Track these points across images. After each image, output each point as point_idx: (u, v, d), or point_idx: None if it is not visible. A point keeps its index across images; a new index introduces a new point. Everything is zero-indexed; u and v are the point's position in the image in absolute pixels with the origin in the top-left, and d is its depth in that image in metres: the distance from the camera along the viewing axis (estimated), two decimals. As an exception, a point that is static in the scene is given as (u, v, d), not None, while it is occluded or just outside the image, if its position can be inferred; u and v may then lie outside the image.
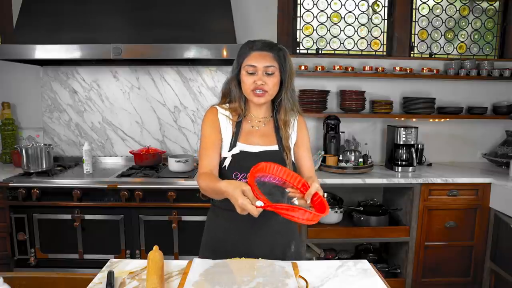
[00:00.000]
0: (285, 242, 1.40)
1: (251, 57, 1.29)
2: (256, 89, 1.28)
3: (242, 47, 1.35)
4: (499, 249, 2.51)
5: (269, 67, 1.28)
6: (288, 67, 1.33)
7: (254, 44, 1.32)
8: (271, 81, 1.29)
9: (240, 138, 1.35)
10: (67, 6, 2.50)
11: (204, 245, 1.43)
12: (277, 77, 1.31)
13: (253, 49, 1.31)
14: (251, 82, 1.29)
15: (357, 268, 1.22)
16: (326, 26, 3.05)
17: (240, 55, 1.33)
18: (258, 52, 1.30)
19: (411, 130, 2.72)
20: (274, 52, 1.31)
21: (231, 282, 1.08)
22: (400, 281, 2.63)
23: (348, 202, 2.88)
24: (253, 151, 1.32)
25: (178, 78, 2.92)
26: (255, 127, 1.38)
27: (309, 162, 1.43)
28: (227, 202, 1.33)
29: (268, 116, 1.41)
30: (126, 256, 2.37)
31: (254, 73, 1.28)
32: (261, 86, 1.28)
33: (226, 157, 1.30)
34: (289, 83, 1.34)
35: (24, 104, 2.95)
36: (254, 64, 1.28)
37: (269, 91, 1.30)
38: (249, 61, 1.29)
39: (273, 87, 1.30)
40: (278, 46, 1.34)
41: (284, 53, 1.33)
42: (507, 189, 2.43)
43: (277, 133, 1.38)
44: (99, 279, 1.13)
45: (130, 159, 2.90)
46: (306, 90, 2.84)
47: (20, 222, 2.34)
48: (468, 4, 3.09)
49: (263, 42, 1.32)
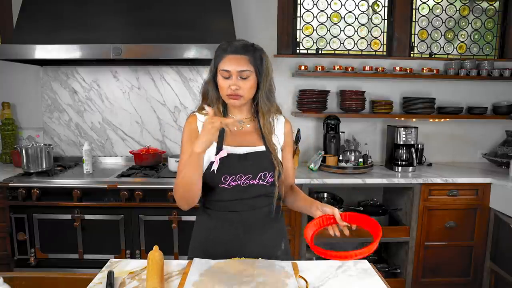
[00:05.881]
0: (276, 240, 1.40)
1: (226, 61, 1.26)
2: (231, 93, 1.26)
3: (217, 48, 1.31)
4: (499, 249, 2.51)
5: (243, 72, 1.25)
6: (265, 68, 1.29)
7: (228, 46, 1.28)
8: (246, 85, 1.26)
9: (225, 140, 1.32)
10: (67, 6, 2.50)
11: (194, 247, 1.41)
12: (252, 80, 1.28)
13: (227, 52, 1.27)
14: (227, 87, 1.26)
15: (357, 268, 1.22)
16: (326, 26, 3.05)
17: (216, 57, 1.30)
18: (232, 55, 1.26)
19: (411, 130, 2.72)
20: (249, 54, 1.27)
21: (231, 282, 1.08)
22: (400, 281, 2.63)
23: (348, 202, 2.88)
24: (241, 153, 1.30)
25: (178, 78, 2.92)
26: (238, 127, 1.36)
27: (291, 164, 1.49)
28: (216, 201, 1.34)
29: (250, 116, 1.39)
30: (126, 256, 2.37)
31: (229, 77, 1.26)
32: (235, 92, 1.26)
33: (214, 161, 1.27)
34: (265, 84, 1.31)
35: (24, 104, 2.95)
36: (227, 69, 1.25)
37: (244, 95, 1.27)
38: (224, 65, 1.26)
39: (248, 90, 1.28)
40: (254, 47, 1.30)
41: (261, 54, 1.30)
42: (507, 189, 2.43)
43: (262, 133, 1.36)
44: (99, 279, 1.13)
45: (130, 159, 2.90)
46: (306, 90, 2.84)
47: (20, 222, 2.34)
48: (468, 4, 3.09)
49: (237, 45, 1.28)
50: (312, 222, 1.20)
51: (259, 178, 1.31)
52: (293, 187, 1.47)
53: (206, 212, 1.39)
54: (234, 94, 1.26)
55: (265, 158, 1.32)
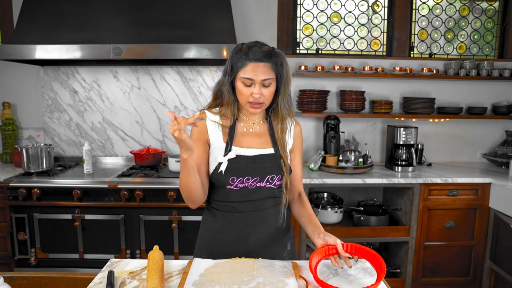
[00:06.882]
0: (282, 241, 1.40)
1: (248, 69, 1.22)
2: (253, 101, 1.24)
3: (236, 51, 1.25)
4: (498, 249, 2.51)
5: (267, 80, 1.22)
6: (285, 73, 1.27)
7: (250, 51, 1.23)
8: (267, 92, 1.25)
9: (235, 141, 1.32)
10: (67, 6, 2.50)
11: (200, 246, 1.42)
12: (273, 86, 1.26)
13: (249, 59, 1.22)
14: (248, 94, 1.24)
15: (357, 267, 1.22)
16: (326, 26, 3.05)
17: (235, 62, 1.24)
18: (255, 63, 1.22)
19: (411, 130, 2.72)
20: (272, 61, 1.23)
21: (231, 282, 1.09)
22: (400, 281, 2.63)
23: (348, 202, 2.88)
24: (249, 155, 1.30)
25: (178, 78, 2.92)
26: (249, 129, 1.35)
27: (299, 169, 1.45)
28: (223, 202, 1.34)
29: (262, 118, 1.37)
30: (127, 256, 2.38)
31: (251, 85, 1.23)
32: (258, 100, 1.24)
33: (222, 162, 1.27)
34: (286, 90, 1.29)
35: (25, 104, 2.95)
36: (251, 78, 1.21)
37: (265, 102, 1.26)
38: (246, 73, 1.22)
39: (269, 97, 1.26)
40: (275, 52, 1.25)
41: (282, 59, 1.26)
42: (506, 189, 2.43)
43: (272, 135, 1.35)
44: (99, 279, 1.13)
45: (130, 159, 2.90)
46: (306, 90, 2.84)
47: (20, 222, 2.34)
48: (468, 4, 3.09)
49: (259, 51, 1.22)
50: (317, 251, 1.20)
51: (266, 180, 1.30)
52: (301, 196, 1.44)
53: (212, 212, 1.38)
54: (257, 102, 1.25)
55: (273, 161, 1.31)
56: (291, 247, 1.43)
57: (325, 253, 1.22)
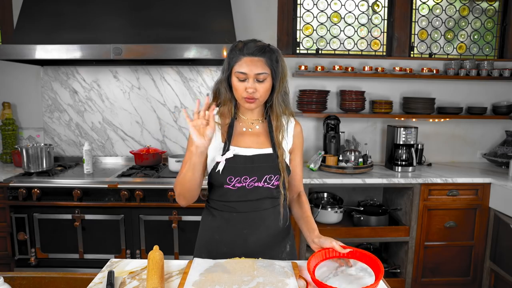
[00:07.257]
0: (281, 243, 1.39)
1: (242, 63, 1.23)
2: (247, 97, 1.25)
3: (232, 48, 1.27)
4: (498, 249, 2.51)
5: (260, 74, 1.23)
6: (281, 70, 1.27)
7: (245, 47, 1.25)
8: (262, 88, 1.25)
9: (233, 141, 1.32)
10: (67, 6, 2.50)
11: (200, 246, 1.42)
12: (268, 82, 1.26)
13: (243, 54, 1.24)
14: (243, 89, 1.24)
15: (357, 268, 1.22)
16: (326, 26, 3.05)
17: (231, 58, 1.26)
18: (249, 57, 1.23)
19: (411, 130, 2.72)
20: (266, 56, 1.24)
21: (231, 282, 1.09)
22: (400, 281, 2.63)
23: (348, 202, 2.88)
24: (247, 155, 1.30)
25: (178, 78, 2.92)
26: (248, 128, 1.35)
27: (299, 169, 1.45)
28: (221, 202, 1.34)
29: (261, 117, 1.37)
30: (127, 256, 2.38)
31: (245, 80, 1.24)
32: (252, 94, 1.24)
33: (219, 161, 1.27)
34: (281, 86, 1.29)
35: (25, 104, 2.95)
36: (244, 71, 1.22)
37: (259, 98, 1.26)
38: (240, 67, 1.23)
39: (264, 93, 1.27)
40: (270, 48, 1.26)
41: (277, 56, 1.27)
42: (506, 189, 2.43)
43: (271, 135, 1.35)
44: (99, 279, 1.13)
45: (130, 159, 2.90)
46: (306, 90, 2.84)
47: (20, 222, 2.34)
48: (468, 4, 3.09)
49: (254, 46, 1.24)
50: (315, 254, 1.20)
51: (264, 180, 1.30)
52: (300, 197, 1.44)
53: (211, 212, 1.39)
54: (251, 97, 1.25)
55: (271, 161, 1.31)
56: (290, 248, 1.43)
57: (323, 256, 1.22)
